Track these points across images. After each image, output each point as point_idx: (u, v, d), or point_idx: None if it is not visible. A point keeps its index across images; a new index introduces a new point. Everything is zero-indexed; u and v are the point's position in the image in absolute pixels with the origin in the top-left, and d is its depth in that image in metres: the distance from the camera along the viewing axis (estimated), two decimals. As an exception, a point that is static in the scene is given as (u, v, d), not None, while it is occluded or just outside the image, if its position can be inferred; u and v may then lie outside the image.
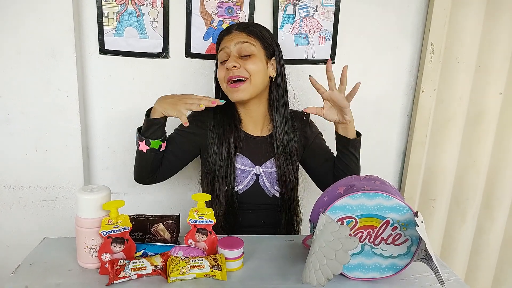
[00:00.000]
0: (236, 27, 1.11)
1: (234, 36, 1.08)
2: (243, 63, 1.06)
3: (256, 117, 1.17)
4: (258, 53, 1.08)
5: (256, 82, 1.08)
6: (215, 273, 0.82)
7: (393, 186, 0.90)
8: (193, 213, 0.91)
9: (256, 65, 1.07)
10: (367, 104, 1.56)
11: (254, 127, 1.18)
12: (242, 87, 1.07)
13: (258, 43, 1.09)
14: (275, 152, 1.14)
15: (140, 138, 1.08)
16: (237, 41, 1.07)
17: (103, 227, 0.83)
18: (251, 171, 1.14)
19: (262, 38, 1.10)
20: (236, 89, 1.07)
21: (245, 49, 1.06)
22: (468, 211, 1.68)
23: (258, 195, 1.15)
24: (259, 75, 1.08)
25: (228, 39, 1.09)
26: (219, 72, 1.11)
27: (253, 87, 1.08)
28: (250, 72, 1.06)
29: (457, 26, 1.48)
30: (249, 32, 1.09)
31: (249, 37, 1.08)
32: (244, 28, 1.09)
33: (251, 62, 1.07)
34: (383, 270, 0.86)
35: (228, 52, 1.08)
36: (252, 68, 1.06)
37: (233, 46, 1.07)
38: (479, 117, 1.59)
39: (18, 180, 1.39)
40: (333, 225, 0.76)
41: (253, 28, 1.10)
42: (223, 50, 1.09)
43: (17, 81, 1.31)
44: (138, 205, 1.52)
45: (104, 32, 1.34)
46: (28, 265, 0.86)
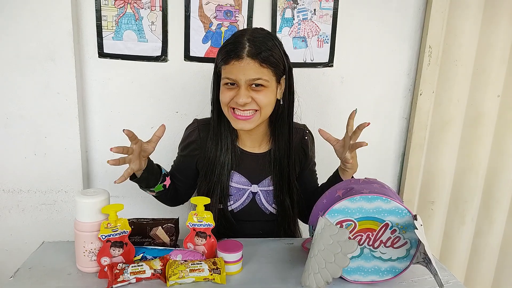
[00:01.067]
0: (247, 53, 0.95)
1: (246, 66, 0.95)
2: (254, 95, 0.97)
3: (256, 135, 1.11)
4: (270, 84, 0.99)
5: (266, 113, 1.02)
6: (214, 276, 0.82)
7: (392, 189, 0.90)
8: (192, 217, 0.91)
9: (268, 99, 0.99)
10: (366, 107, 1.56)
11: (252, 144, 1.13)
12: (251, 119, 1.00)
13: (270, 72, 0.98)
14: (273, 169, 1.10)
15: (143, 189, 1.10)
16: (248, 77, 0.95)
17: (102, 231, 0.83)
18: (247, 190, 1.11)
19: (275, 65, 0.99)
20: (243, 120, 1.00)
21: (257, 83, 0.97)
22: (467, 213, 1.68)
23: (255, 213, 1.13)
24: (269, 106, 1.01)
25: (238, 68, 0.96)
26: (223, 96, 1.01)
27: (261, 119, 1.02)
28: (260, 105, 0.99)
29: (455, 29, 1.49)
30: (262, 61, 0.96)
31: (262, 69, 0.96)
32: (257, 55, 0.95)
33: (263, 95, 0.98)
34: (383, 273, 0.86)
35: (237, 83, 0.98)
36: (264, 102, 0.98)
37: (244, 81, 0.96)
38: (477, 119, 1.59)
39: (17, 183, 1.39)
40: (332, 228, 0.76)
41: (266, 53, 0.96)
42: (231, 79, 0.98)
43: (16, 85, 1.31)
44: (137, 209, 1.52)
45: (103, 35, 1.34)
46: (27, 269, 0.86)
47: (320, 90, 1.51)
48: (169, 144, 1.47)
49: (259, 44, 0.97)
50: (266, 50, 0.97)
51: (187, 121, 1.48)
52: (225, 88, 1.01)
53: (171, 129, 1.46)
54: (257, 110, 1.00)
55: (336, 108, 1.54)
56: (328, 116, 1.54)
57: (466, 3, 1.46)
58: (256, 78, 0.96)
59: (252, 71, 0.96)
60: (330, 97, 1.53)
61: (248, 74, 0.96)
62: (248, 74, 0.96)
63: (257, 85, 0.98)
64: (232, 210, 1.12)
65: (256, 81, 0.97)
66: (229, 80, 0.99)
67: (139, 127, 1.44)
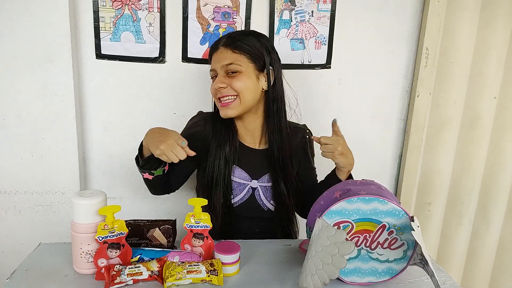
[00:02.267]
0: (222, 42, 1.07)
1: (220, 54, 1.06)
2: (230, 81, 1.04)
3: (253, 129, 1.14)
4: (245, 70, 1.05)
5: (245, 99, 1.06)
6: (211, 278, 0.82)
7: (389, 190, 0.90)
8: (189, 218, 0.91)
9: (243, 83, 1.04)
10: (363, 109, 1.56)
11: (252, 139, 1.16)
12: (231, 105, 1.06)
13: (244, 58, 1.05)
14: (272, 167, 1.13)
15: (143, 171, 1.07)
16: (222, 63, 1.05)
17: (99, 232, 0.82)
18: (248, 185, 1.13)
19: (250, 52, 1.05)
20: (225, 107, 1.06)
21: (230, 69, 1.04)
22: (464, 214, 1.69)
23: (253, 209, 1.14)
24: (248, 91, 1.05)
25: (215, 58, 1.07)
26: (211, 88, 1.09)
27: (242, 104, 1.06)
28: (237, 90, 1.04)
29: (452, 31, 1.50)
30: (234, 47, 1.05)
31: (234, 55, 1.04)
32: (230, 43, 1.05)
33: (237, 80, 1.04)
34: (380, 275, 0.86)
35: (215, 73, 1.08)
36: (239, 86, 1.04)
37: (219, 68, 1.06)
38: (474, 121, 1.60)
39: (14, 185, 1.39)
40: (330, 230, 0.76)
41: (240, 42, 1.05)
42: (213, 70, 1.09)
43: (14, 86, 1.31)
44: (134, 210, 1.52)
45: (101, 36, 1.34)
46: (23, 270, 0.86)
47: (318, 91, 1.51)
48: (167, 145, 1.47)
49: (234, 36, 1.08)
50: (239, 40, 1.06)
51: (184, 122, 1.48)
52: (212, 82, 1.10)
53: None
54: (236, 96, 1.06)
55: (334, 110, 1.54)
56: (325, 117, 1.54)
57: (463, 5, 1.47)
58: (229, 63, 1.04)
59: (225, 58, 1.05)
60: (328, 99, 1.53)
61: (222, 61, 1.05)
62: (222, 61, 1.05)
63: (233, 72, 1.05)
64: (232, 204, 1.13)
65: (229, 67, 1.04)
66: (211, 73, 1.10)
67: (136, 129, 1.45)
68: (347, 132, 1.56)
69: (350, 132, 1.57)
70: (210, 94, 1.14)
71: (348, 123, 1.57)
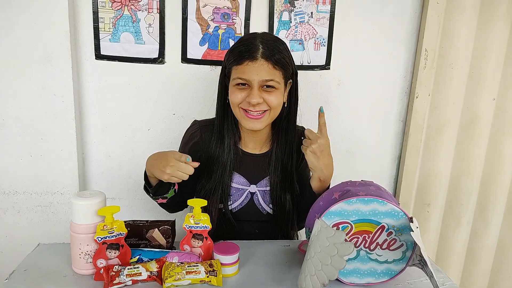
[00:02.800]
0: (261, 54, 0.98)
1: (260, 67, 0.98)
2: (265, 96, 1.00)
3: (259, 136, 1.13)
4: (280, 86, 1.02)
5: (275, 113, 1.05)
6: (210, 279, 0.82)
7: (388, 191, 0.90)
8: (188, 219, 0.91)
9: (278, 99, 1.02)
10: (362, 110, 1.57)
11: (254, 145, 1.14)
12: (262, 119, 1.02)
13: (280, 75, 1.01)
14: (271, 171, 1.12)
15: (156, 199, 1.07)
16: (262, 78, 0.98)
17: (98, 233, 0.82)
18: (246, 190, 1.12)
19: (285, 68, 1.02)
20: (255, 119, 1.02)
21: (268, 85, 1.00)
22: (463, 215, 1.69)
23: (252, 213, 1.13)
24: (279, 107, 1.04)
25: (252, 69, 0.98)
26: (234, 96, 1.02)
27: (270, 119, 1.04)
28: (271, 106, 1.01)
29: (451, 32, 1.50)
30: (275, 62, 0.99)
31: (274, 71, 0.99)
32: (270, 57, 0.98)
33: (273, 96, 1.01)
34: (379, 275, 0.86)
35: (249, 83, 1.00)
36: (274, 102, 1.01)
37: (257, 82, 0.99)
38: (472, 122, 1.60)
39: (13, 185, 1.39)
40: (329, 230, 0.76)
41: (278, 56, 0.99)
42: (243, 79, 1.00)
43: (12, 86, 1.31)
44: (133, 211, 1.52)
45: (100, 37, 1.34)
46: (22, 271, 0.85)
47: (317, 92, 1.51)
48: (166, 146, 1.47)
49: (271, 46, 1.00)
50: (278, 53, 1.00)
51: (184, 123, 1.48)
52: (236, 89, 1.02)
53: (168, 131, 1.47)
54: (267, 110, 1.02)
55: (333, 111, 1.54)
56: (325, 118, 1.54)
57: (462, 6, 1.47)
58: (269, 79, 0.99)
59: (266, 72, 0.98)
60: (327, 100, 1.53)
61: (261, 75, 0.98)
62: (262, 75, 0.98)
63: (268, 86, 1.00)
64: (231, 210, 1.13)
65: (268, 83, 0.99)
66: (241, 81, 1.00)
67: (135, 130, 1.45)
68: (346, 133, 1.58)
69: (349, 133, 1.59)
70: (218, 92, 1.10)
71: (347, 124, 1.57)
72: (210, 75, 1.44)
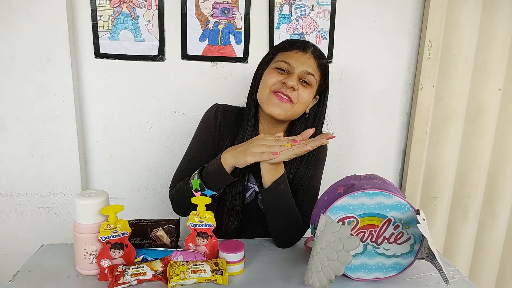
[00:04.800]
0: (312, 51, 1.04)
1: (308, 59, 1.02)
2: (299, 88, 1.01)
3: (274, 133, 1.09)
4: (313, 87, 1.04)
5: (298, 110, 1.03)
6: (216, 277, 0.81)
7: (393, 184, 0.89)
8: (193, 217, 0.90)
9: (308, 97, 1.03)
10: (366, 103, 1.55)
11: None
12: (285, 107, 1.01)
13: (320, 78, 1.05)
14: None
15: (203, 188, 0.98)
16: (305, 69, 1.01)
17: (101, 233, 0.81)
18: (252, 188, 1.11)
19: (324, 76, 1.06)
20: (278, 102, 1.00)
21: (307, 79, 1.02)
22: (470, 208, 1.67)
23: (255, 212, 1.11)
24: (304, 106, 1.04)
25: (300, 58, 1.02)
26: (270, 77, 1.02)
27: (291, 112, 1.02)
28: (299, 99, 1.01)
29: (454, 22, 1.48)
30: (320, 64, 1.04)
31: (317, 70, 1.03)
32: (319, 57, 1.04)
33: (306, 91, 1.02)
34: (387, 270, 0.84)
35: (290, 69, 1.01)
36: (304, 98, 1.02)
37: (300, 69, 1.01)
38: (478, 113, 1.58)
39: (15, 187, 1.38)
40: (334, 226, 0.75)
41: (324, 61, 1.06)
42: (288, 64, 1.01)
43: (12, 87, 1.30)
44: (137, 210, 1.51)
45: (99, 35, 1.33)
46: (26, 272, 0.85)
47: (320, 86, 1.50)
48: (168, 144, 1.47)
49: (322, 52, 1.07)
50: (325, 59, 1.07)
51: (186, 121, 1.48)
52: (275, 71, 1.03)
53: (170, 129, 1.46)
54: (292, 102, 1.02)
55: (336, 105, 1.53)
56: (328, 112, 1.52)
57: (465, -4, 1.45)
58: (311, 73, 1.02)
59: (310, 66, 1.02)
60: (330, 94, 1.50)
61: (306, 66, 1.01)
62: (306, 67, 1.01)
63: (305, 82, 1.02)
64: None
65: (308, 77, 1.02)
66: (284, 65, 1.02)
67: (137, 128, 1.45)
68: (350, 126, 1.57)
69: (353, 127, 1.57)
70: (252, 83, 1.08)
71: (351, 118, 1.56)
72: (211, 71, 1.42)
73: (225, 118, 1.10)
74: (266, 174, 0.96)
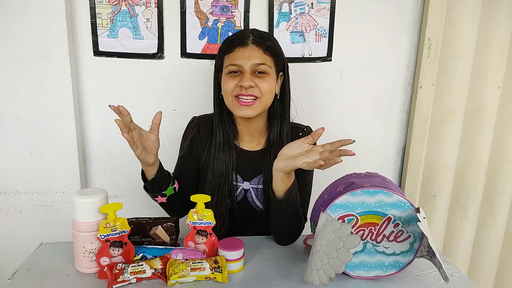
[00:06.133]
0: (252, 40, 1.01)
1: (251, 52, 1.00)
2: (257, 81, 1.00)
3: (254, 129, 1.11)
4: (271, 72, 1.03)
5: (266, 101, 1.04)
6: (215, 275, 0.81)
7: (393, 182, 0.89)
8: (192, 215, 0.90)
9: (269, 85, 1.02)
10: (365, 101, 1.55)
11: (250, 140, 1.13)
12: (253, 106, 1.01)
13: (272, 61, 1.03)
14: (265, 169, 1.09)
15: (154, 196, 1.06)
16: (253, 62, 1.00)
17: (101, 231, 0.81)
18: (240, 187, 1.11)
19: (276, 56, 1.04)
20: (246, 106, 1.01)
21: (260, 69, 1.01)
22: (469, 206, 1.67)
23: (247, 209, 1.12)
24: (270, 94, 1.03)
25: (243, 54, 1.00)
26: (227, 84, 1.02)
27: (262, 106, 1.03)
28: (262, 92, 1.01)
29: (454, 20, 1.47)
30: (266, 48, 1.01)
31: (265, 56, 1.01)
32: (261, 43, 1.01)
33: (265, 81, 1.01)
34: (386, 268, 0.85)
35: (240, 69, 1.01)
36: (265, 88, 1.01)
37: (249, 66, 1.00)
38: (478, 111, 1.58)
39: (14, 185, 1.38)
40: (334, 224, 0.75)
41: (269, 43, 1.03)
42: (236, 65, 1.01)
43: (10, 85, 1.30)
44: (136, 209, 1.51)
45: (98, 33, 1.33)
46: (25, 270, 0.85)
47: (319, 84, 1.49)
48: (167, 142, 1.46)
49: (262, 35, 1.05)
50: (269, 40, 1.04)
51: (185, 119, 1.47)
52: (229, 77, 1.03)
53: (169, 128, 1.46)
54: (257, 98, 1.02)
55: (335, 103, 1.53)
56: (327, 111, 1.53)
57: (465, -6, 1.45)
58: (261, 63, 1.00)
59: (257, 56, 1.01)
60: (329, 92, 1.51)
61: (252, 59, 1.00)
62: (253, 59, 1.00)
63: (260, 72, 1.01)
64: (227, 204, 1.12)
65: (259, 67, 1.00)
66: (233, 67, 1.01)
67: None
68: (349, 125, 1.56)
69: (352, 125, 1.57)
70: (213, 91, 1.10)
71: (350, 116, 1.55)
72: (210, 69, 1.42)
73: (200, 129, 1.12)
74: (280, 183, 0.92)
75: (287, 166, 0.86)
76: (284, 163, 0.87)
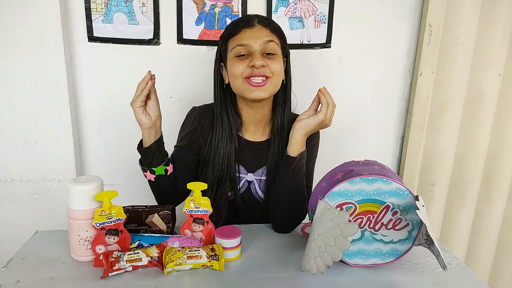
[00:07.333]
0: (258, 21, 1.01)
1: (258, 31, 0.99)
2: (268, 62, 0.98)
3: (261, 117, 1.09)
4: (279, 53, 1.02)
5: (277, 82, 1.02)
6: (212, 263, 0.80)
7: (392, 170, 0.88)
8: (189, 203, 0.89)
9: (280, 65, 1.01)
10: (365, 89, 1.53)
11: (255, 129, 1.11)
12: (265, 87, 0.99)
13: (279, 42, 1.02)
14: (269, 160, 1.08)
15: (144, 169, 1.04)
16: (263, 39, 0.98)
17: (96, 219, 0.80)
18: (243, 178, 1.10)
19: (282, 37, 1.04)
20: (257, 88, 0.99)
21: (270, 48, 0.99)
22: (467, 195, 1.67)
23: (250, 200, 1.12)
24: (280, 75, 1.02)
25: (251, 34, 0.99)
26: (235, 67, 0.99)
27: (272, 87, 1.01)
28: (273, 72, 0.99)
29: (455, 6, 1.45)
30: (273, 29, 1.01)
31: (273, 35, 1.00)
32: (268, 24, 1.01)
33: (276, 61, 1.00)
34: (384, 256, 0.84)
35: (250, 49, 0.99)
36: (276, 68, 0.99)
37: (258, 45, 0.98)
38: (478, 99, 1.57)
39: (9, 173, 1.36)
40: (332, 211, 0.74)
41: (275, 24, 1.03)
42: (243, 46, 0.99)
43: (3, 71, 1.27)
44: (132, 197, 1.50)
45: (92, 18, 1.30)
46: (20, 259, 0.84)
47: (318, 71, 1.47)
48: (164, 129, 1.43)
49: (267, 18, 1.05)
50: (274, 23, 1.04)
51: (181, 106, 1.45)
52: (237, 60, 1.00)
53: (166, 115, 1.43)
54: (269, 78, 1.00)
55: (335, 90, 1.49)
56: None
57: (467, -21, 1.42)
58: (270, 40, 0.99)
59: (265, 35, 1.00)
60: (328, 79, 1.49)
61: (261, 37, 0.99)
62: (262, 37, 0.99)
63: (268, 54, 1.00)
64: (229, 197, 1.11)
65: (269, 45, 0.99)
66: (241, 48, 0.99)
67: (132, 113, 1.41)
68: (348, 112, 1.55)
69: (351, 113, 1.55)
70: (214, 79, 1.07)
71: (349, 104, 1.54)
72: (207, 55, 1.39)
73: (201, 120, 1.10)
74: (296, 145, 0.99)
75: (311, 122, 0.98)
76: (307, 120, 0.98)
